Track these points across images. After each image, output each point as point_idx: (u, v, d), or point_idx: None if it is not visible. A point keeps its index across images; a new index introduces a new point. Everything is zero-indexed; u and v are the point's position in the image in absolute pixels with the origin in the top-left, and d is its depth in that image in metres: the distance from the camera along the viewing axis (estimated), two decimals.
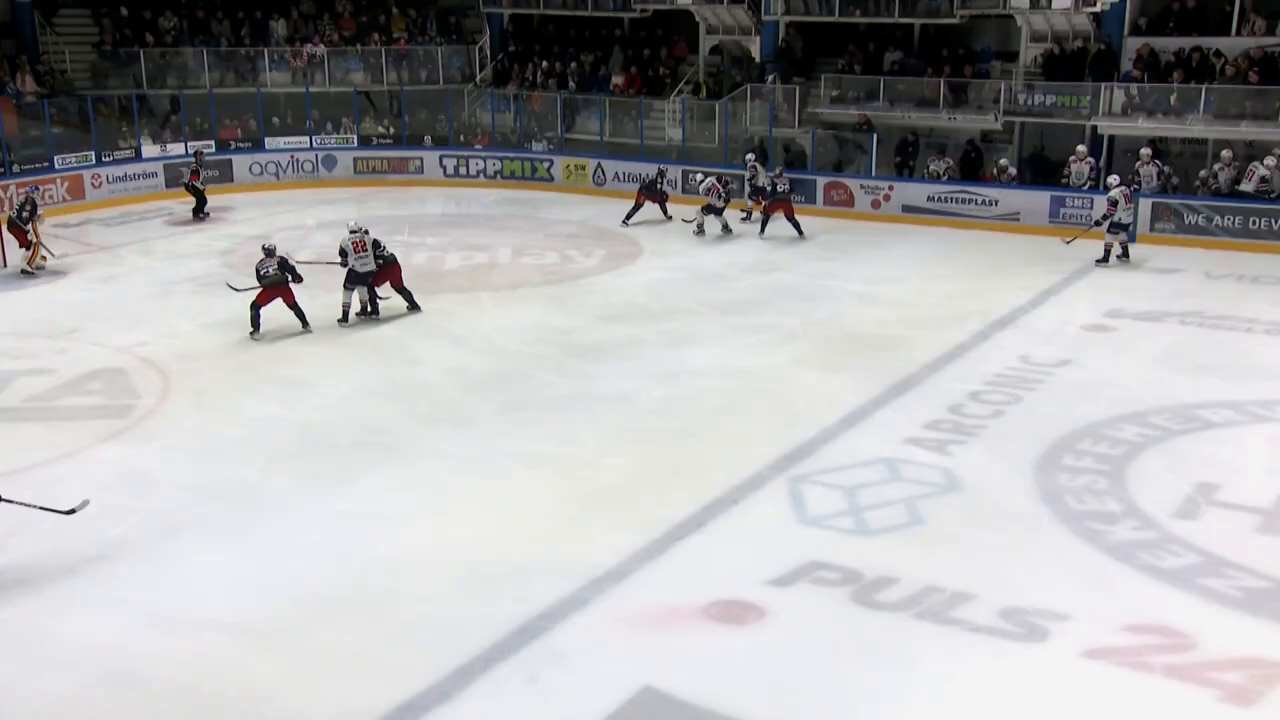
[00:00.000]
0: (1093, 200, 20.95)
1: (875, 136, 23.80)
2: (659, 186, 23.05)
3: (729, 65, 27.45)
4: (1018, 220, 21.95)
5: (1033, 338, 15.40)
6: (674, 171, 24.37)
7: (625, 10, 28.11)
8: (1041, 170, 23.45)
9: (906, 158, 24.08)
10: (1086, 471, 11.08)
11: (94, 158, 24.38)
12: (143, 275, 18.28)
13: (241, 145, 26.47)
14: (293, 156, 26.71)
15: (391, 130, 27.66)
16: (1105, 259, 19.04)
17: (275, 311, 15.34)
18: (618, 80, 27.63)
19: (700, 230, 21.50)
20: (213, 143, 25.82)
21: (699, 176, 22.62)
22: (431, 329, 15.81)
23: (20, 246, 18.50)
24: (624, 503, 10.53)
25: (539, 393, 13.39)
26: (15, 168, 22.87)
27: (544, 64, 28.70)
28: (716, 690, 7.73)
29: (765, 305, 16.95)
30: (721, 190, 21.34)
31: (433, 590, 8.97)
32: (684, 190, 23.85)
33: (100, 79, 27.42)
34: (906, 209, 23.06)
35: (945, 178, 22.93)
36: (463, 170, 27.30)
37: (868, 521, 10.16)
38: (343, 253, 15.94)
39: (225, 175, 25.65)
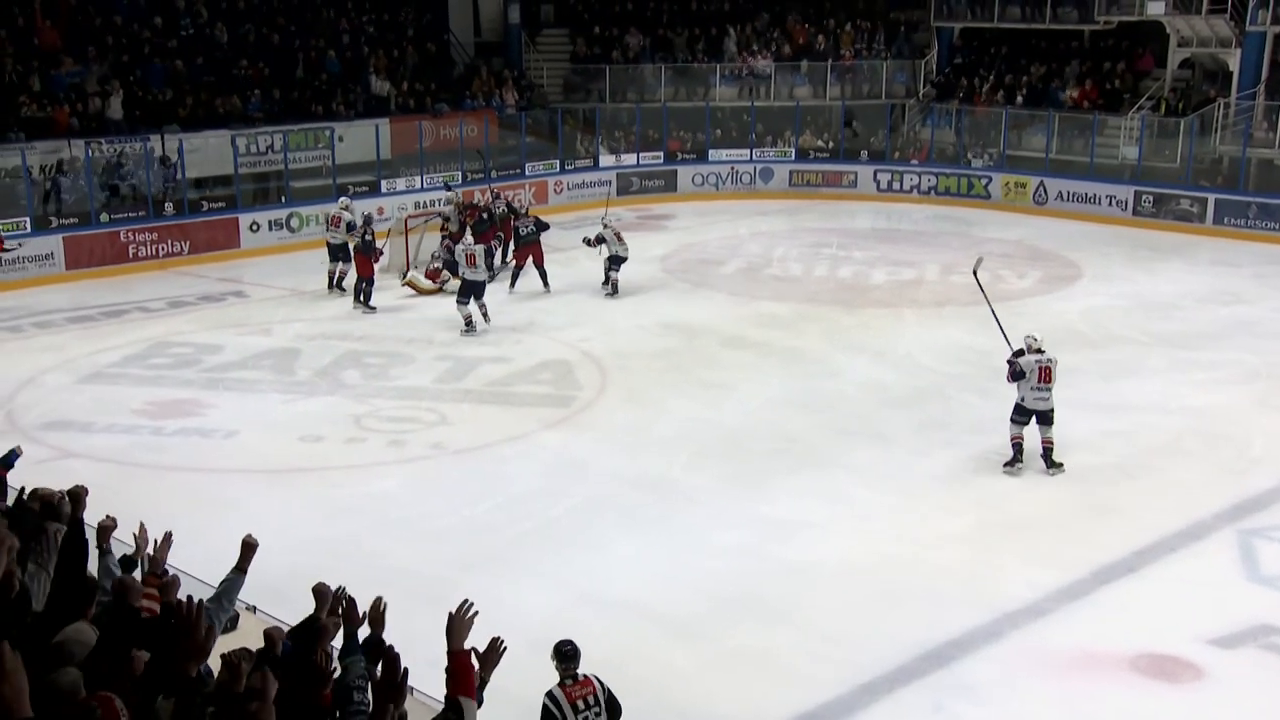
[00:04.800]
0: None
1: None
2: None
3: (1200, 80, 25.28)
4: None
5: None
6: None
7: (1087, 22, 26.63)
8: None
9: None
10: None
11: (558, 166, 26.58)
12: (590, 276, 19.61)
13: (687, 156, 27.82)
14: (733, 168, 27.73)
15: (830, 144, 27.94)
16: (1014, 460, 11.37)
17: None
18: (1071, 94, 26.25)
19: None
20: (662, 154, 27.35)
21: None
22: (852, 343, 15.82)
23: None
24: (1047, 537, 10.05)
25: (959, 414, 13.03)
26: (493, 173, 25.43)
27: (990, 77, 27.84)
28: None
29: (1222, 339, 15.51)
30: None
31: (841, 603, 9.00)
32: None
33: (570, 93, 29.91)
34: None
35: None
36: (896, 185, 27.06)
37: None
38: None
39: (670, 185, 27.15)
